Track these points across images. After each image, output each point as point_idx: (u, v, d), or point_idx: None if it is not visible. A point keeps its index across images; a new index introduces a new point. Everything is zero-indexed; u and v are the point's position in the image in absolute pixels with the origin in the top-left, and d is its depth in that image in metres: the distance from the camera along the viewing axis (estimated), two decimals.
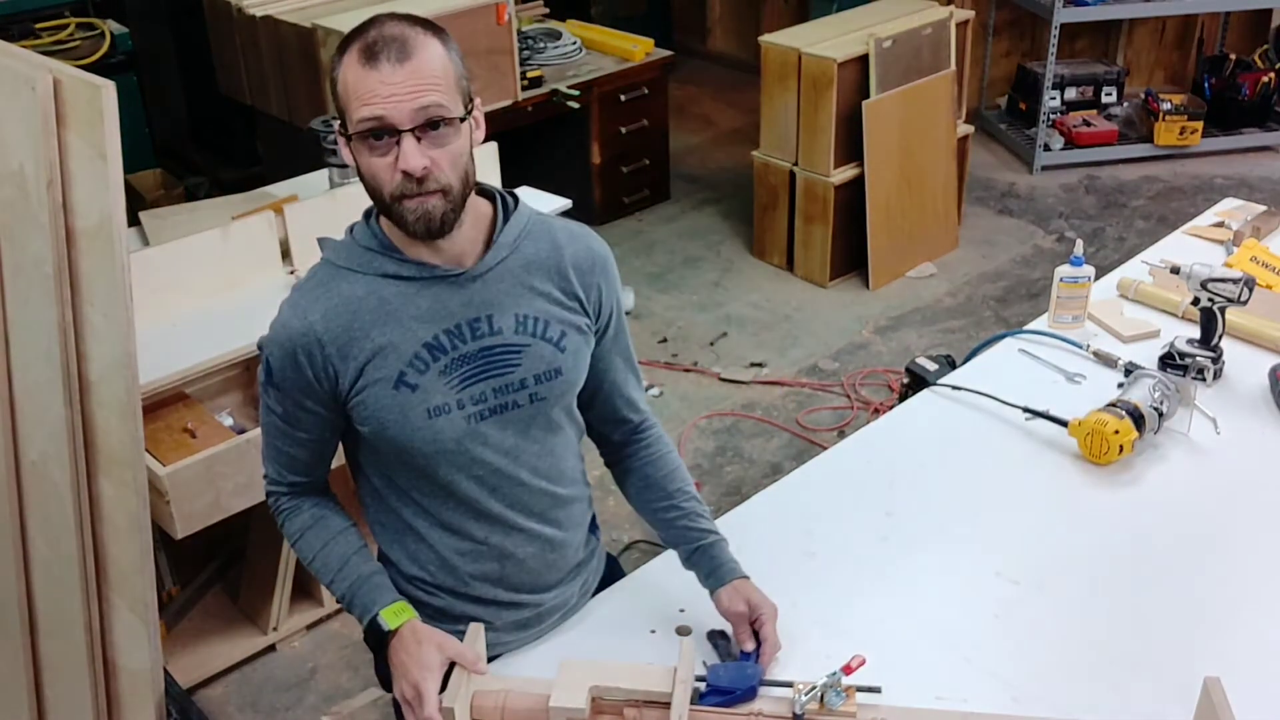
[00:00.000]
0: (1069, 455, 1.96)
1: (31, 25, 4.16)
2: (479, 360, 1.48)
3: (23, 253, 1.93)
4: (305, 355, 1.45)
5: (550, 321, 1.52)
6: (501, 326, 1.49)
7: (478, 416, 1.49)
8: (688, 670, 1.44)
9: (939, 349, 3.84)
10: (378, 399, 1.46)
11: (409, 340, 1.46)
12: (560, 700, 1.40)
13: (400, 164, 1.36)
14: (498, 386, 1.49)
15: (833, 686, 1.42)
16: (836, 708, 1.42)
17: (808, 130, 4.28)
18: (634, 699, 1.43)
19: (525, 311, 1.50)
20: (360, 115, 1.35)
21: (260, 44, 4.20)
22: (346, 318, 1.45)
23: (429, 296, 1.46)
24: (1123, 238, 4.78)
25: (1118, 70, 5.62)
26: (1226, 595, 1.69)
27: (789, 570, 1.73)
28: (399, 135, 1.35)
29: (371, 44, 1.35)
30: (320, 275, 1.49)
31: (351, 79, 1.36)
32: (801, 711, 1.41)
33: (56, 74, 1.83)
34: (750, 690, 1.46)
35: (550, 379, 1.52)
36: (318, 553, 1.57)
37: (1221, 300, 2.09)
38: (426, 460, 1.49)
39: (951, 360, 3.00)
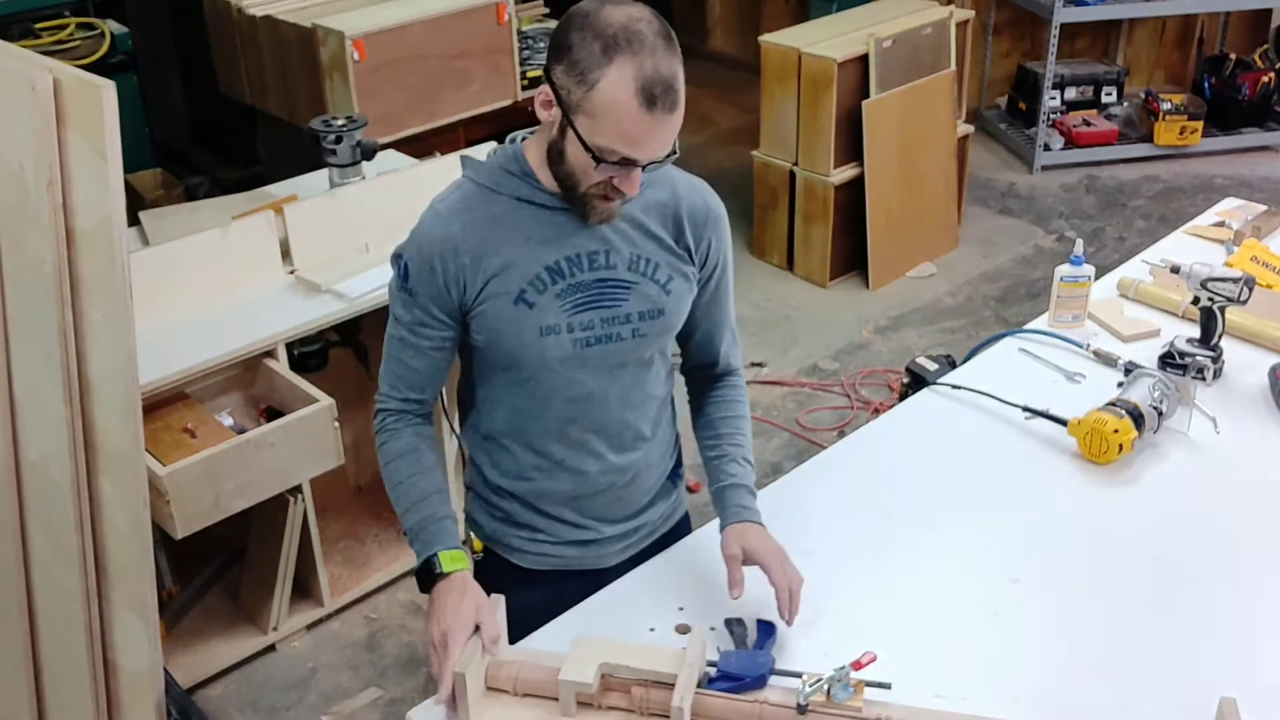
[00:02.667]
0: (1069, 454, 1.96)
1: (31, 25, 4.16)
2: (593, 289, 1.57)
3: (23, 253, 1.93)
4: (441, 262, 1.53)
5: (660, 264, 1.60)
6: (616, 262, 1.57)
7: (584, 343, 1.58)
8: (697, 655, 1.45)
9: (939, 349, 3.84)
10: (498, 311, 1.55)
11: (533, 261, 1.54)
12: (570, 674, 1.43)
13: (622, 185, 1.46)
14: (606, 317, 1.58)
15: (840, 680, 1.42)
16: (842, 701, 1.42)
17: (808, 130, 4.28)
18: (642, 679, 1.45)
19: (639, 251, 1.58)
20: (614, 146, 1.41)
21: (260, 44, 4.20)
22: (483, 231, 1.54)
23: (556, 224, 1.55)
24: (1123, 237, 4.78)
25: (1118, 70, 5.63)
26: (1226, 594, 1.69)
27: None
28: (634, 165, 1.44)
29: (650, 84, 1.38)
30: (464, 189, 1.58)
31: (622, 110, 1.39)
32: (805, 702, 1.41)
33: (56, 74, 1.83)
34: (760, 679, 1.46)
35: (654, 318, 1.61)
36: (404, 479, 1.64)
37: (1221, 300, 2.09)
38: (531, 374, 1.60)
39: (951, 360, 3.00)
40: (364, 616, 2.96)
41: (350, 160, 3.09)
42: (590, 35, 1.39)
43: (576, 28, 1.41)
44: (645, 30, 1.39)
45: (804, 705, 1.41)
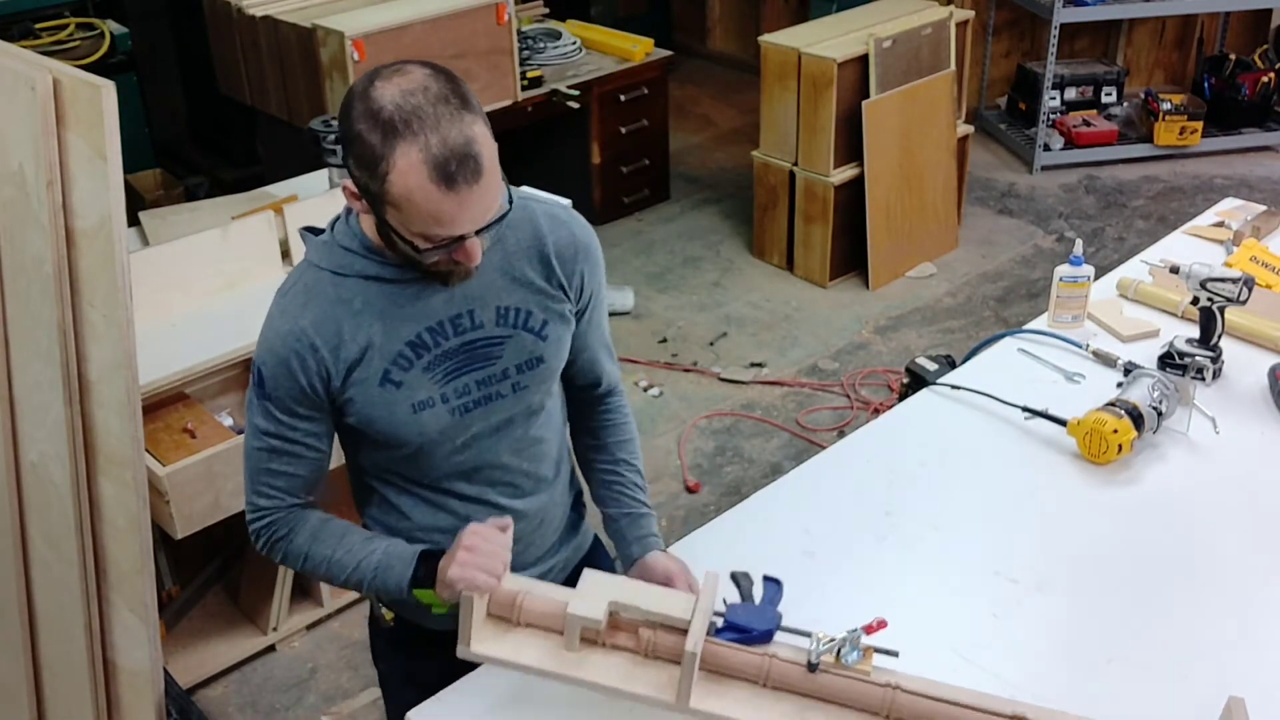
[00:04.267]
0: (1068, 454, 1.96)
1: (31, 25, 4.16)
2: (461, 354, 1.50)
3: (23, 253, 1.93)
4: (298, 360, 1.45)
5: (532, 311, 1.53)
6: (483, 320, 1.51)
7: (462, 409, 1.52)
8: (709, 601, 1.43)
9: (939, 349, 3.84)
10: (365, 396, 1.48)
11: (393, 340, 1.47)
12: (579, 609, 1.40)
13: (462, 258, 1.39)
14: (481, 379, 1.52)
15: (851, 642, 1.40)
16: (851, 664, 1.40)
17: (807, 130, 4.28)
18: (652, 621, 1.43)
19: (507, 303, 1.52)
20: (429, 232, 1.34)
21: (260, 44, 4.21)
22: (335, 319, 1.46)
23: (411, 296, 1.47)
24: (1122, 238, 4.78)
25: (1118, 70, 5.63)
26: (1226, 594, 1.69)
27: (788, 570, 1.72)
28: (462, 238, 1.36)
29: (443, 163, 1.30)
30: (306, 279, 1.49)
31: (420, 196, 1.31)
32: (816, 661, 1.40)
33: (56, 74, 1.83)
34: (767, 634, 1.44)
35: (532, 368, 1.55)
36: (334, 549, 1.55)
37: (1221, 300, 2.09)
38: (413, 450, 1.53)
39: (951, 360, 3.00)
40: (364, 616, 2.95)
41: None
42: (368, 123, 1.31)
43: (355, 115, 1.32)
44: (421, 101, 1.30)
45: (814, 664, 1.39)
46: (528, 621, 1.44)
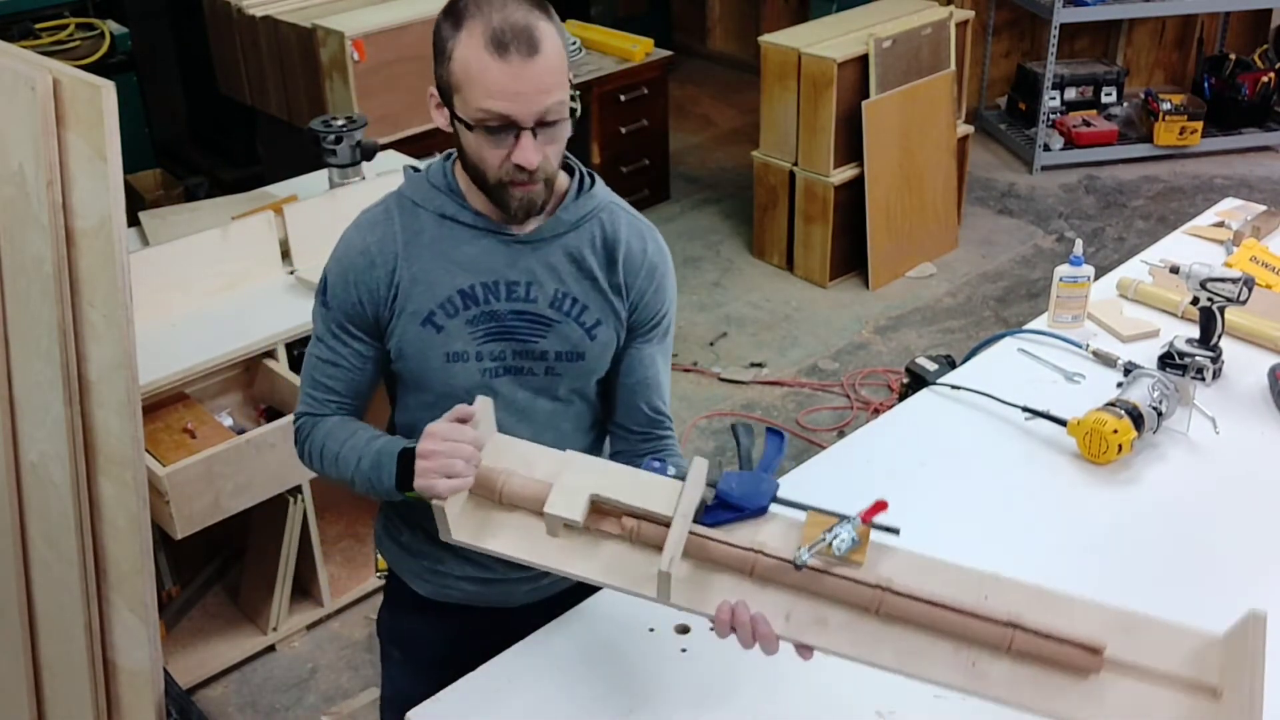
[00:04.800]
0: (1068, 455, 1.96)
1: (31, 25, 4.16)
2: (508, 320, 1.51)
3: (23, 253, 1.93)
4: (355, 274, 1.49)
5: (588, 306, 1.53)
6: (538, 296, 1.50)
7: (493, 372, 1.52)
8: (690, 504, 1.36)
9: (939, 349, 3.84)
10: (404, 331, 1.50)
11: (447, 282, 1.49)
12: (557, 508, 1.36)
13: (517, 158, 1.38)
14: (519, 350, 1.52)
15: (846, 528, 1.33)
16: (844, 553, 1.32)
17: (807, 130, 4.28)
18: (634, 511, 1.38)
19: (566, 290, 1.51)
20: (483, 106, 1.35)
21: (260, 44, 4.21)
22: (400, 244, 1.49)
23: (478, 247, 1.49)
24: (1122, 238, 4.78)
25: (1118, 70, 5.63)
26: (1225, 594, 1.69)
27: None
28: (519, 130, 1.36)
29: (500, 33, 1.33)
30: (388, 202, 1.54)
31: (476, 66, 1.34)
32: (802, 563, 1.33)
33: (56, 74, 1.83)
34: (760, 509, 1.38)
35: (572, 360, 1.54)
36: (344, 442, 1.52)
37: (1221, 300, 2.09)
38: (437, 399, 1.51)
39: (951, 360, 3.00)
40: (364, 617, 2.96)
41: (350, 160, 3.09)
42: (444, 17, 1.38)
43: (440, 19, 1.39)
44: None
45: (800, 564, 1.33)
46: (511, 504, 1.41)
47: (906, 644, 1.33)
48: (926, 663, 1.33)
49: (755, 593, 1.35)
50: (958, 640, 1.33)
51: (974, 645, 1.33)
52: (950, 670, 1.33)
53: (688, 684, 1.54)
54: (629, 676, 1.55)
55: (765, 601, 1.34)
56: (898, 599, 1.33)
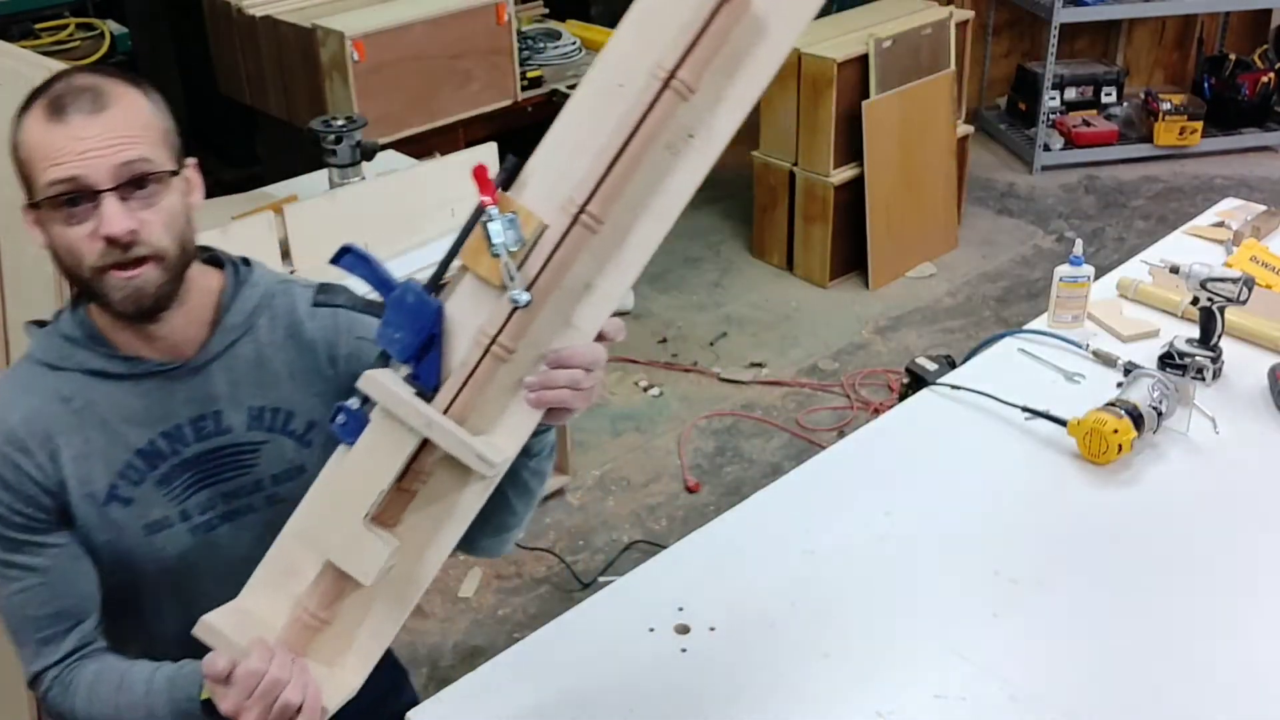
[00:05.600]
0: (1068, 455, 1.96)
1: (31, 25, 4.16)
2: (205, 464, 1.31)
3: (23, 253, 1.93)
4: (12, 468, 1.25)
5: (293, 410, 1.34)
6: (232, 423, 1.32)
7: (206, 527, 1.33)
8: (413, 408, 1.12)
9: (939, 349, 3.84)
10: (87, 517, 1.27)
11: (119, 447, 1.27)
12: (355, 563, 1.16)
13: (103, 229, 1.15)
14: (229, 491, 1.33)
15: (497, 224, 1.10)
16: (518, 246, 1.11)
17: (807, 130, 4.28)
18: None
19: (263, 403, 1.33)
20: (50, 178, 1.15)
21: (260, 44, 4.20)
22: (51, 420, 1.26)
23: (143, 395, 1.28)
24: (1122, 238, 4.78)
25: (1117, 70, 5.63)
26: (1225, 594, 1.69)
27: (788, 570, 1.73)
28: (98, 197, 1.15)
29: (58, 97, 1.17)
30: (20, 373, 1.30)
31: (35, 138, 1.17)
32: (525, 302, 1.11)
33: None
34: (433, 320, 1.14)
35: (292, 478, 1.35)
36: (117, 687, 1.26)
37: (1221, 300, 2.09)
38: (147, 579, 1.31)
39: (951, 360, 3.00)
40: None
41: (350, 160, 3.09)
42: (16, 117, 1.22)
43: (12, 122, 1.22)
44: (66, 72, 1.22)
45: (524, 303, 1.11)
46: (330, 614, 1.20)
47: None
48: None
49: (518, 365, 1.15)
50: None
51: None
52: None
53: (688, 684, 1.54)
54: (629, 676, 1.55)
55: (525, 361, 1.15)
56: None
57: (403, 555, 1.17)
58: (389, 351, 1.14)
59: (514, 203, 1.11)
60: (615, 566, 3.06)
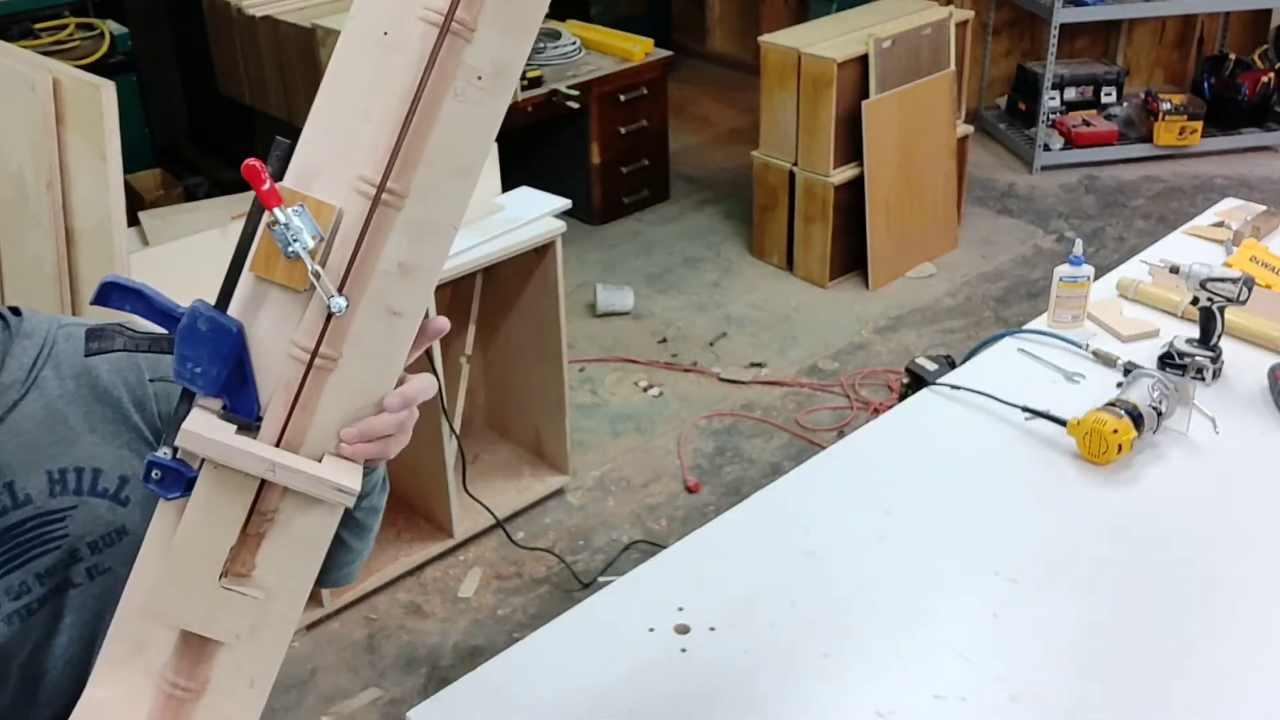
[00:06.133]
0: (1068, 454, 1.96)
1: (31, 25, 4.16)
2: (6, 543, 1.12)
3: (22, 253, 1.94)
4: None
5: (102, 469, 1.17)
6: (30, 492, 1.13)
7: (25, 613, 1.15)
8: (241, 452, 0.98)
9: (939, 349, 3.84)
10: None
11: None
12: (220, 629, 1.05)
13: None
14: (41, 570, 1.15)
15: (295, 221, 0.95)
16: (312, 246, 0.96)
17: (807, 130, 4.28)
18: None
19: (63, 464, 1.15)
20: None
21: (260, 44, 4.21)
22: None
23: None
24: (1122, 238, 4.78)
25: (1117, 70, 5.63)
26: (1225, 594, 1.69)
27: (788, 570, 1.73)
28: None
29: None
30: None
31: None
32: (340, 308, 0.97)
33: (56, 74, 1.84)
34: (230, 364, 0.99)
35: (113, 543, 1.19)
36: None
37: (1221, 300, 2.09)
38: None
39: (951, 360, 3.00)
40: (364, 617, 2.96)
41: None
42: None
43: None
44: None
45: (339, 309, 0.97)
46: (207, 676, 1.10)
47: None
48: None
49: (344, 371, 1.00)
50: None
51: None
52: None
53: (687, 684, 1.54)
54: (629, 676, 1.55)
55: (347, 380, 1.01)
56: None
57: (269, 601, 1.05)
58: (193, 389, 0.98)
59: (298, 193, 0.97)
60: (615, 566, 3.06)
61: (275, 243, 0.96)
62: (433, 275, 1.00)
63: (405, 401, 1.02)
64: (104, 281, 1.02)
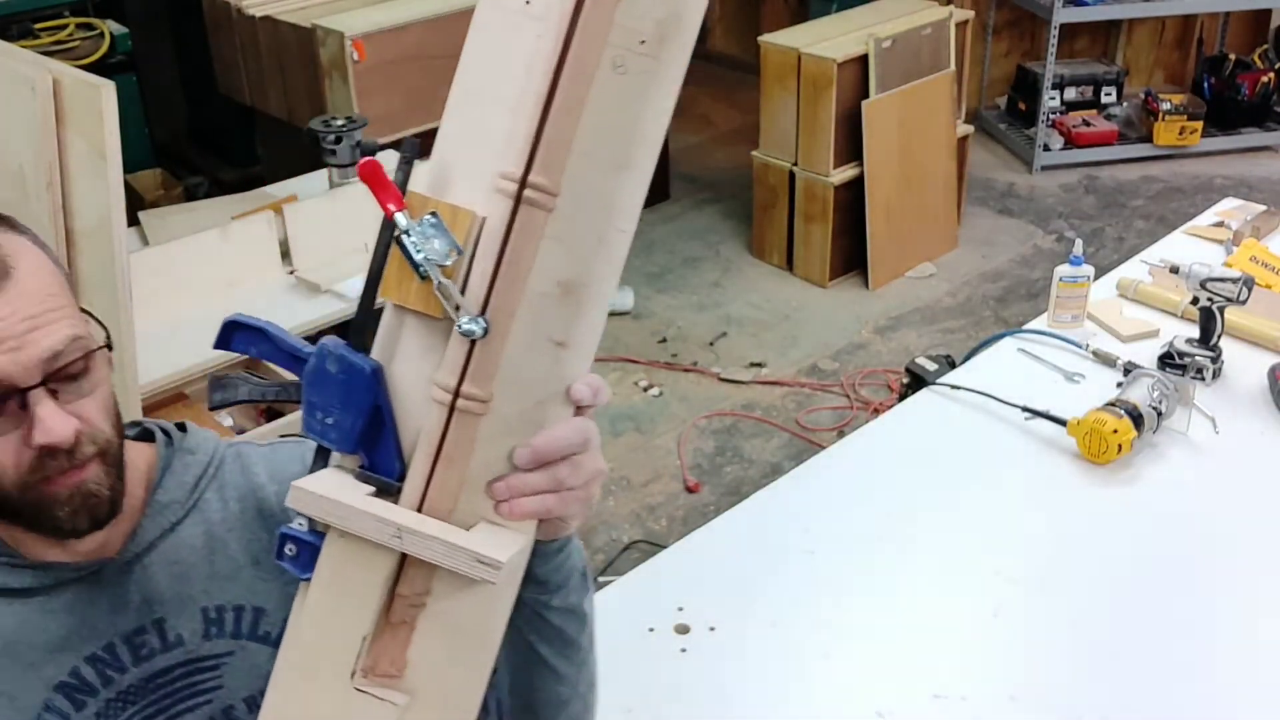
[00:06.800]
0: (1068, 455, 1.96)
1: (31, 25, 4.16)
2: (152, 692, 0.98)
3: None
4: None
5: (265, 608, 1.01)
6: (181, 633, 0.98)
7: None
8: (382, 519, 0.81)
9: (939, 349, 3.84)
10: None
11: (32, 684, 0.95)
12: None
13: (39, 438, 0.86)
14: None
15: (431, 238, 0.79)
16: (447, 258, 0.79)
17: (807, 130, 4.28)
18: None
19: (220, 600, 1.00)
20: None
21: (260, 44, 4.20)
22: None
23: (60, 611, 0.96)
24: (1122, 238, 4.78)
25: (1117, 70, 5.63)
26: (1225, 594, 1.69)
27: (788, 569, 1.73)
28: (22, 397, 0.86)
29: None
30: None
31: None
32: (483, 329, 0.79)
33: (56, 74, 1.84)
34: (368, 398, 0.83)
35: None
36: None
37: (1221, 300, 2.09)
38: None
39: (951, 360, 3.00)
40: None
41: (350, 160, 3.10)
42: None
43: None
44: None
45: (480, 332, 0.79)
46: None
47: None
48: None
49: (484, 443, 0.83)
50: None
51: None
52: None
53: (688, 684, 1.54)
54: (629, 676, 1.55)
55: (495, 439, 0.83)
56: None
57: (421, 708, 0.85)
58: (326, 445, 0.84)
59: (429, 199, 0.80)
60: (615, 566, 3.06)
61: (407, 261, 0.79)
62: (601, 297, 0.82)
63: (569, 441, 0.83)
64: (226, 321, 0.89)
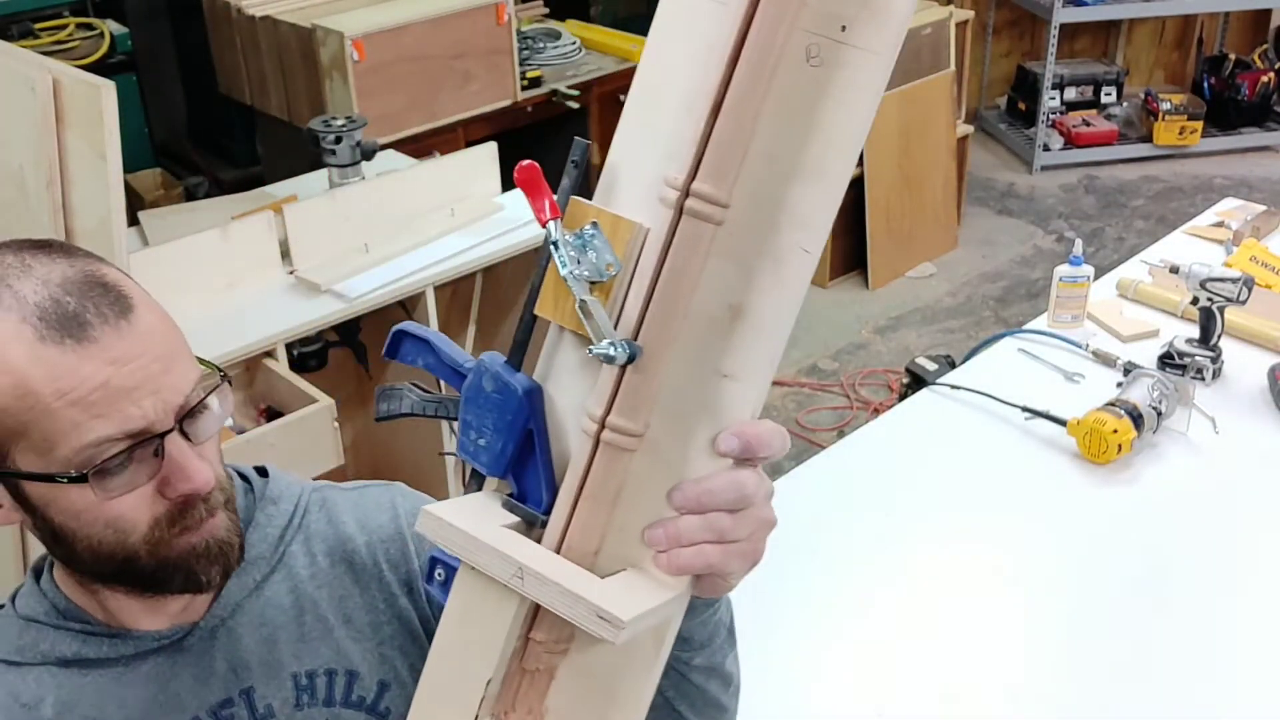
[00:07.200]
0: (1068, 454, 1.96)
1: (31, 25, 4.16)
2: None
3: None
4: None
5: (357, 669, 0.93)
6: (272, 703, 0.91)
7: None
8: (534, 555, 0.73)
9: (939, 349, 3.84)
10: None
11: None
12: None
13: (183, 486, 0.80)
14: None
15: (590, 246, 0.72)
16: (607, 268, 0.71)
17: None
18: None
19: (311, 665, 0.93)
20: (96, 435, 0.75)
21: (260, 44, 4.20)
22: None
23: (141, 682, 0.88)
24: (1122, 238, 4.78)
25: (1117, 70, 5.63)
26: (1225, 593, 1.69)
27: (788, 570, 1.73)
28: (158, 443, 0.79)
29: (57, 306, 0.76)
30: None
31: (42, 375, 0.74)
32: (637, 350, 0.70)
33: (56, 74, 1.83)
34: (524, 416, 0.75)
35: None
36: None
37: (1221, 300, 2.09)
38: None
39: (951, 360, 3.00)
40: None
41: (350, 160, 3.09)
42: None
43: None
44: (8, 258, 0.79)
45: (632, 354, 0.69)
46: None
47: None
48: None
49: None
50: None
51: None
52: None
53: None
54: None
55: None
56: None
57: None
58: (476, 466, 0.77)
59: (592, 207, 0.73)
60: None
61: (582, 298, 0.70)
62: (780, 325, 0.71)
63: (725, 493, 0.74)
64: (395, 329, 0.81)
